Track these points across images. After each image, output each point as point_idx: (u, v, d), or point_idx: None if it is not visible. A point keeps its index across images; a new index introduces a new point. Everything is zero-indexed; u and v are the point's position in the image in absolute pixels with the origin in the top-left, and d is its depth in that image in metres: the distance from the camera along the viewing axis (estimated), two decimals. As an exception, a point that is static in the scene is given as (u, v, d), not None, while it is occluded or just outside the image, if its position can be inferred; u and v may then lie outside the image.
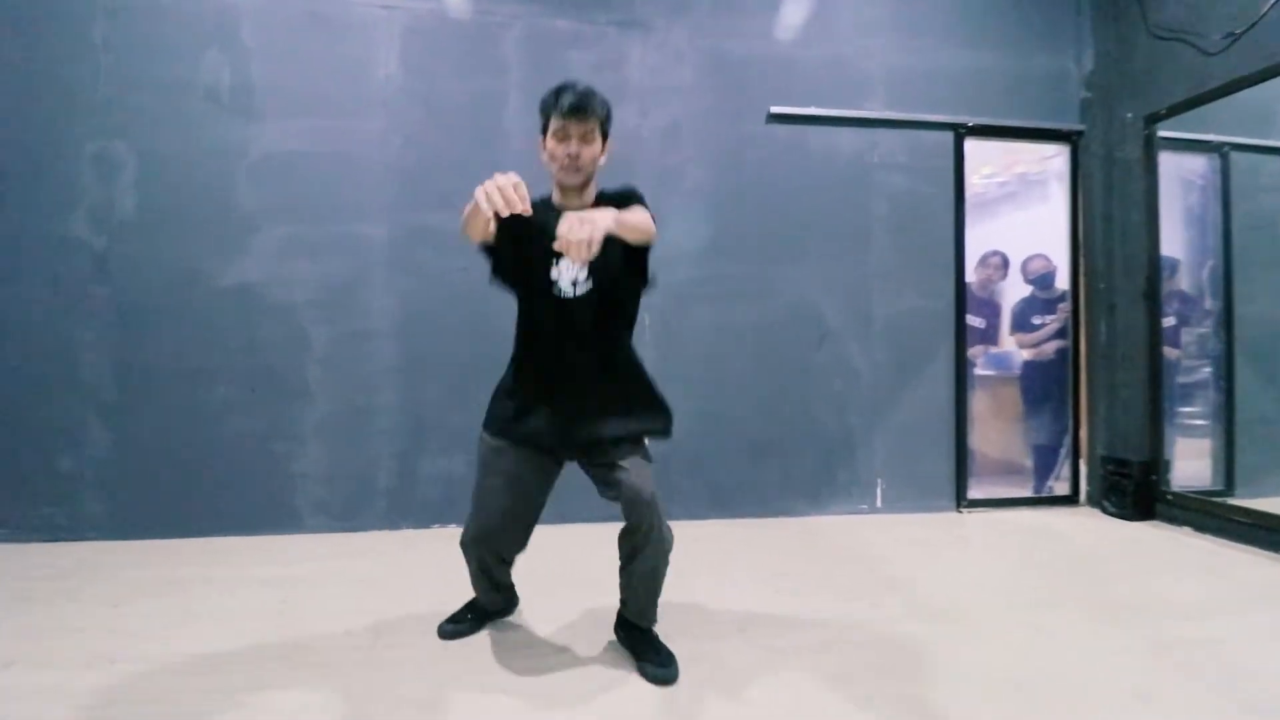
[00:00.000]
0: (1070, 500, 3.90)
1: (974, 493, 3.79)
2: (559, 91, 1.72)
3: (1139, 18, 3.69)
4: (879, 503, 3.64)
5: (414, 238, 3.29)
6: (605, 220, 1.49)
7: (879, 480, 3.65)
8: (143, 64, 3.14)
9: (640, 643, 1.93)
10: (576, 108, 1.68)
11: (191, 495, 3.13)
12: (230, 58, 3.19)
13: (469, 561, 2.02)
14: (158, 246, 3.13)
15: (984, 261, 4.19)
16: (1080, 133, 3.91)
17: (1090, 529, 3.45)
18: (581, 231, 1.43)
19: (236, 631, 2.11)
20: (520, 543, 2.00)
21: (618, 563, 1.89)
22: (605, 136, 1.78)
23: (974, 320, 4.07)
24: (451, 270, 3.27)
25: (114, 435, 3.10)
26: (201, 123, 3.17)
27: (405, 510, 3.27)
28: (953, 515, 3.66)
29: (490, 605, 2.16)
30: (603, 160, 1.80)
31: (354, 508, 3.24)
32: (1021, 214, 5.08)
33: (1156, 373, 3.58)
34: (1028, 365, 4.22)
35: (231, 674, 1.85)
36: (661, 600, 1.97)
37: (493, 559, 2.00)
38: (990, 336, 4.25)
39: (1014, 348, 4.32)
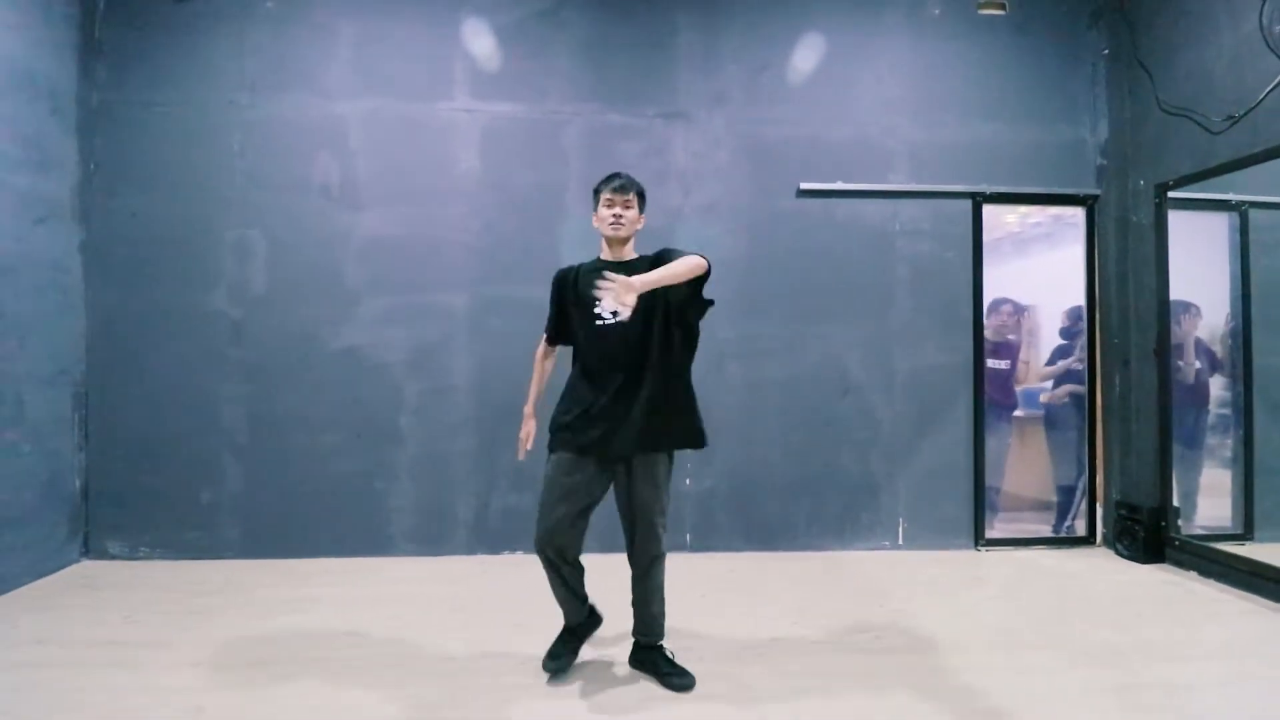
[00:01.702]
0: (1087, 541, 4.17)
1: (998, 530, 4.11)
2: (608, 178, 2.39)
3: (1150, 92, 3.96)
4: (900, 540, 4.00)
5: (489, 307, 3.85)
6: (639, 282, 2.06)
7: (901, 519, 4.01)
8: (271, 166, 3.80)
9: (659, 660, 2.39)
10: (619, 184, 2.35)
11: (307, 523, 3.76)
12: (339, 159, 3.83)
13: (544, 567, 2.34)
14: (282, 316, 3.78)
15: (995, 309, 4.49)
16: (1096, 197, 4.18)
17: (1100, 571, 3.73)
18: (624, 298, 2.04)
19: (363, 641, 2.68)
20: (576, 541, 2.32)
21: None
22: (641, 209, 2.41)
23: (998, 363, 4.37)
24: (518, 334, 3.81)
25: (246, 472, 3.75)
26: (316, 213, 3.81)
27: (481, 538, 3.82)
28: (971, 553, 3.99)
29: (574, 618, 2.44)
30: (639, 225, 2.41)
31: (438, 535, 3.81)
32: (1054, 255, 5.32)
33: (1166, 426, 3.83)
34: (1049, 407, 4.49)
35: (356, 680, 2.40)
36: (696, 625, 2.43)
37: (558, 557, 2.30)
38: (1014, 377, 4.53)
39: (1038, 384, 4.59)
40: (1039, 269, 5.08)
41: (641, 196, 2.41)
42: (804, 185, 4.00)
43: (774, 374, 3.98)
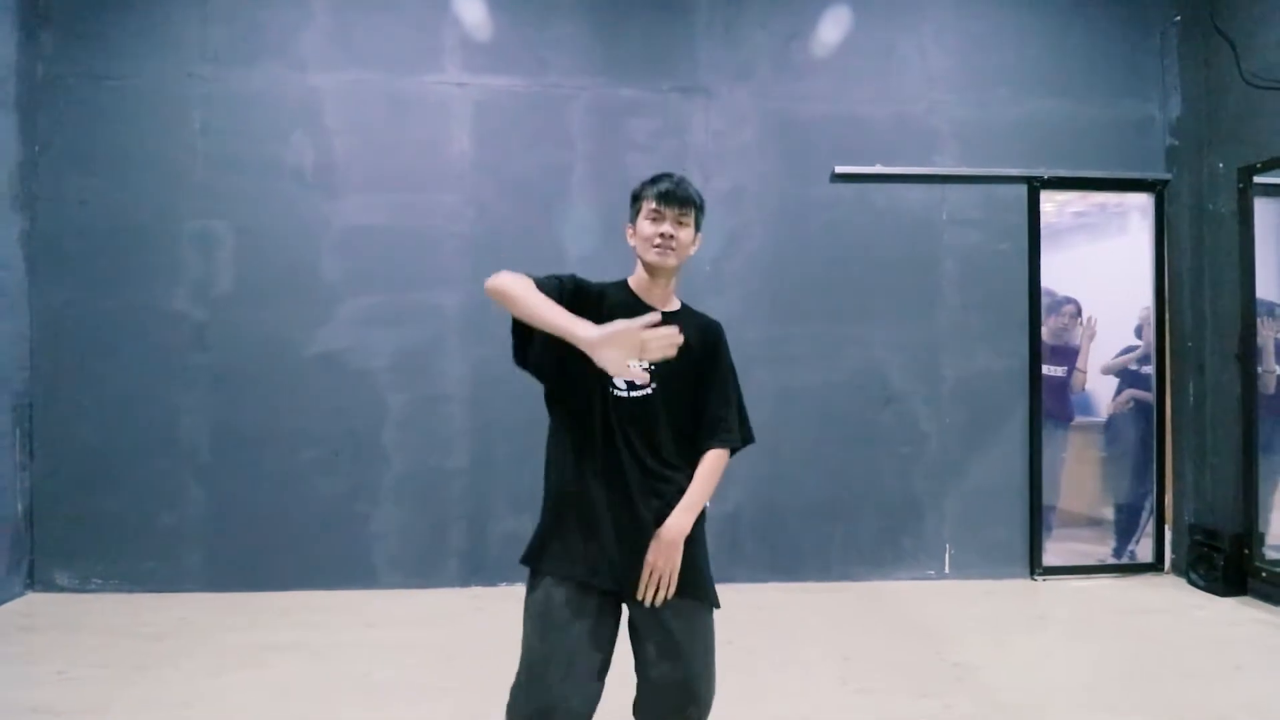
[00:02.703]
0: (1154, 568, 3.73)
1: (1052, 553, 3.67)
2: (655, 179, 1.61)
3: (1232, 63, 3.50)
4: (947, 568, 3.57)
5: (486, 306, 3.37)
6: (683, 533, 1.51)
7: (947, 545, 3.58)
8: (237, 147, 3.36)
9: None
10: (674, 191, 1.57)
11: (279, 552, 3.33)
12: (314, 139, 3.38)
13: None
14: (251, 318, 3.34)
15: (1057, 310, 4.05)
16: (1165, 182, 3.73)
17: (1176, 607, 3.29)
18: (664, 566, 1.48)
19: (331, 711, 2.25)
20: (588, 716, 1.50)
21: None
22: (699, 226, 1.64)
23: (1054, 370, 3.93)
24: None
25: (210, 494, 3.33)
26: (289, 201, 3.37)
27: (475, 568, 3.39)
28: (1026, 583, 3.56)
29: None
30: (694, 249, 1.65)
31: (427, 565, 3.38)
32: (1096, 247, 4.87)
33: (1250, 439, 3.39)
34: (1111, 417, 4.06)
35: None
36: (726, 688, 1.91)
37: None
38: (1070, 385, 4.09)
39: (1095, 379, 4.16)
40: (1079, 264, 4.63)
41: (701, 211, 1.63)
42: (839, 169, 3.55)
43: (806, 381, 3.54)
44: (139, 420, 3.31)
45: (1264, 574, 3.33)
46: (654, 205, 1.57)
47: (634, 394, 1.55)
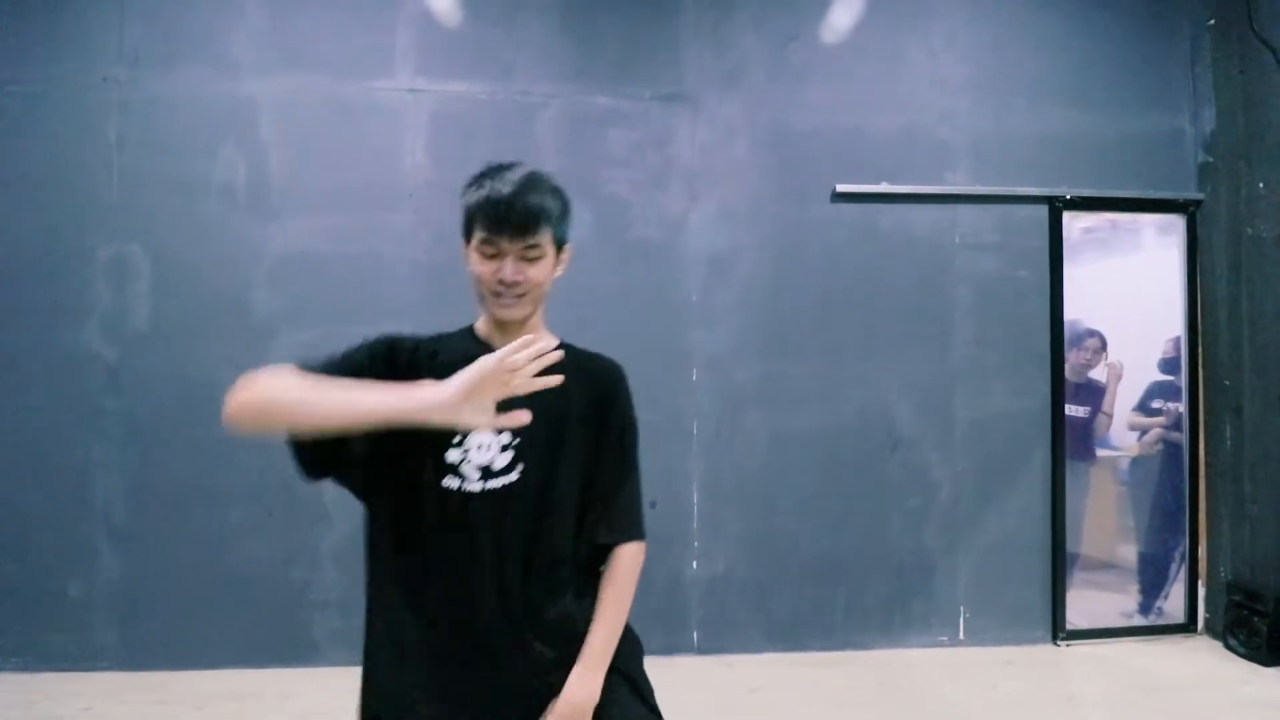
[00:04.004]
0: (1186, 628, 3.38)
1: (1073, 605, 3.30)
2: (481, 182, 1.12)
3: (1273, 70, 3.16)
4: (961, 634, 3.20)
5: (441, 343, 3.02)
6: (593, 701, 1.08)
7: (962, 608, 3.21)
8: (157, 162, 2.95)
9: None
10: (509, 210, 1.07)
11: (206, 625, 2.92)
12: (246, 152, 2.97)
13: None
14: (172, 357, 2.92)
15: (1079, 344, 3.69)
16: (1198, 202, 3.39)
17: (1218, 680, 2.94)
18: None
19: None
20: None
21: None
22: (561, 244, 1.16)
23: (1076, 410, 3.58)
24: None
25: (125, 560, 2.91)
26: (217, 223, 2.96)
27: (431, 642, 2.99)
28: (1048, 650, 3.20)
29: None
30: (558, 273, 1.19)
31: (376, 639, 2.97)
32: (1107, 265, 4.52)
33: (1297, 490, 3.05)
34: (1134, 461, 3.72)
35: None
36: None
37: None
38: (1093, 428, 3.74)
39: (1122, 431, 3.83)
40: (1090, 284, 4.26)
41: (562, 221, 1.15)
42: (841, 187, 3.18)
43: (804, 425, 3.16)
44: (42, 475, 2.88)
45: (1314, 642, 2.98)
46: (483, 235, 1.10)
47: (490, 485, 1.09)
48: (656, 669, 1.30)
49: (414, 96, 3.05)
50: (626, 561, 1.17)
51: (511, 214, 1.07)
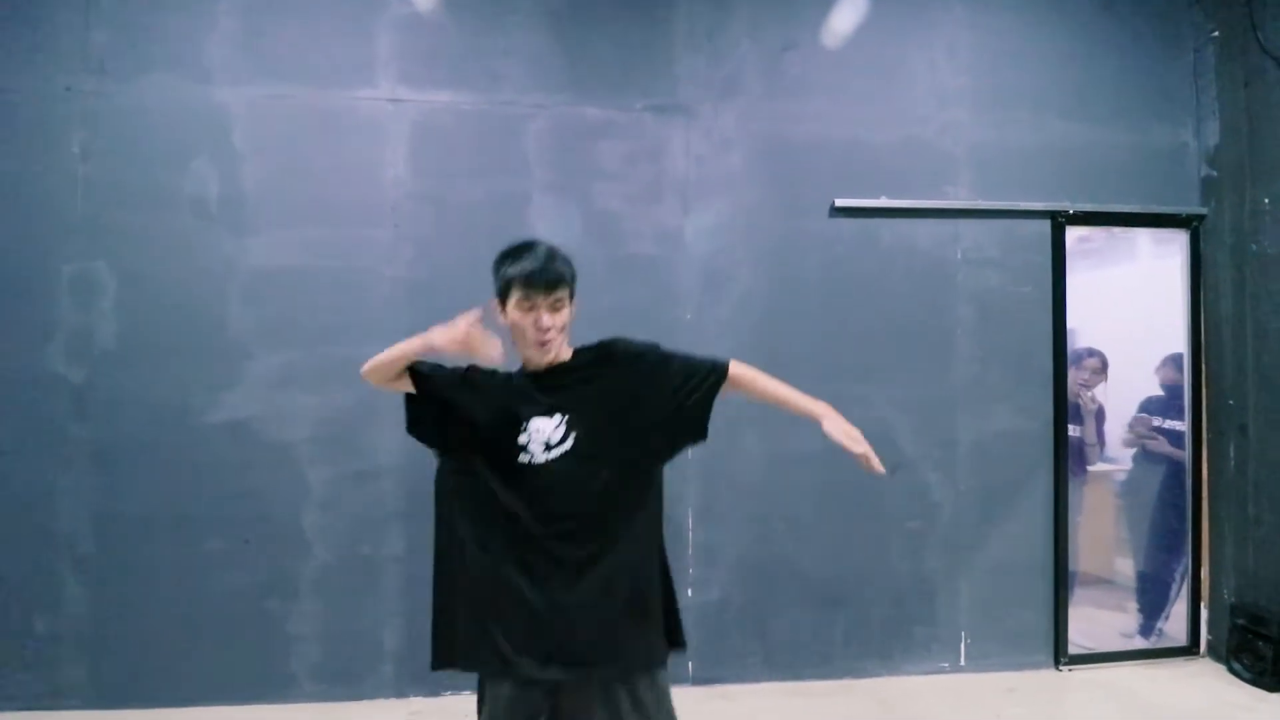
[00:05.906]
0: (1188, 651, 3.32)
1: (1074, 630, 3.23)
2: (517, 254, 1.52)
3: (1278, 83, 3.09)
4: (963, 660, 3.12)
5: (425, 364, 2.89)
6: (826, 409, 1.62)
7: (963, 632, 3.13)
8: (125, 175, 2.81)
9: None
10: (539, 274, 1.48)
11: (178, 659, 2.79)
12: (219, 164, 2.84)
13: None
14: (141, 380, 2.79)
15: (1078, 364, 3.62)
16: (1201, 217, 3.32)
17: (1221, 706, 2.88)
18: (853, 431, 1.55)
19: None
20: None
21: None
22: (573, 296, 1.59)
23: (1075, 430, 3.52)
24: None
25: (93, 593, 2.77)
26: (188, 239, 2.82)
27: (414, 675, 2.87)
28: (1051, 675, 3.13)
29: None
30: (574, 317, 1.59)
31: (357, 673, 2.85)
32: (1101, 275, 4.46)
33: (1304, 512, 2.99)
34: (1129, 474, 3.67)
35: None
36: None
37: None
38: (1086, 449, 3.69)
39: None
40: (1083, 294, 4.19)
41: (574, 281, 1.56)
42: (839, 201, 3.09)
43: (801, 447, 3.05)
44: (3, 504, 2.74)
45: (1321, 668, 2.93)
46: (523, 293, 1.49)
47: (551, 456, 1.48)
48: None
49: (395, 106, 2.92)
50: (743, 369, 1.65)
51: (544, 278, 1.48)
